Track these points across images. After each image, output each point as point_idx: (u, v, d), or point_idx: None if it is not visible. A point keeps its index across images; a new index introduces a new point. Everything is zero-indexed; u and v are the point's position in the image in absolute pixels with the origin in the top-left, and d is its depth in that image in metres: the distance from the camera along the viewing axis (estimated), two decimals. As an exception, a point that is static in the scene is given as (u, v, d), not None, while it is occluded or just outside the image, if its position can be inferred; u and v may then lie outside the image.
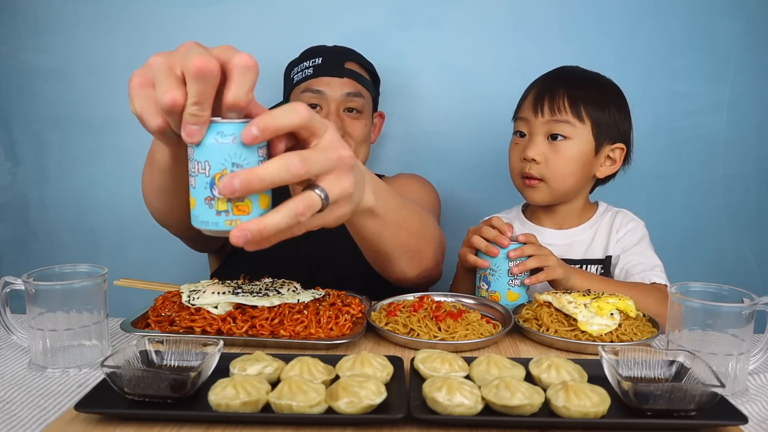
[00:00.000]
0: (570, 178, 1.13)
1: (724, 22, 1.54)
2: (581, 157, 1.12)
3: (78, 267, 0.79)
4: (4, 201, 1.67)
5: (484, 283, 0.99)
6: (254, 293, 0.86)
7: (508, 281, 0.97)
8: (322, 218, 0.63)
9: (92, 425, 0.59)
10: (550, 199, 1.16)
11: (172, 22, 1.56)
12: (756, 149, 1.59)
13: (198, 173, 0.56)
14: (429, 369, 0.68)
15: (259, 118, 0.56)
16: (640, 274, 1.09)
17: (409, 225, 0.90)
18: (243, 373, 0.66)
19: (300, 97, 1.28)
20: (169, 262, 1.61)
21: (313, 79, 1.28)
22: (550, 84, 1.14)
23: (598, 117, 1.11)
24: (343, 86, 1.28)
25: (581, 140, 1.11)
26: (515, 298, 0.98)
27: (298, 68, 1.32)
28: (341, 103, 1.28)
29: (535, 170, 1.12)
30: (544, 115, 1.11)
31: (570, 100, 1.10)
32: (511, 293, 0.98)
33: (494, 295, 0.98)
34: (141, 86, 0.58)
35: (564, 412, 0.59)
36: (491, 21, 1.56)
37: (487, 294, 0.99)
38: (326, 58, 1.30)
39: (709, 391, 0.59)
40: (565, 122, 1.10)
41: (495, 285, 0.98)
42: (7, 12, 1.58)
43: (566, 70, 1.18)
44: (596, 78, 1.17)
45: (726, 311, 0.71)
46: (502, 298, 0.98)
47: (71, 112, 1.62)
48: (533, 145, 1.12)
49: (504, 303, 0.96)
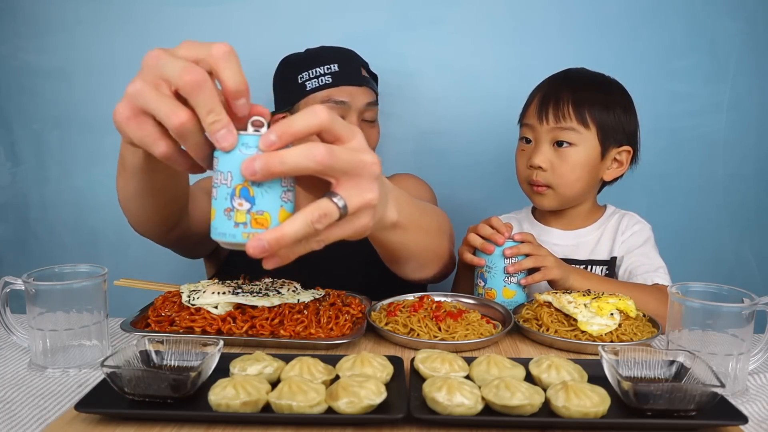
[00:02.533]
0: (577, 184, 1.13)
1: (724, 22, 1.54)
2: (587, 163, 1.12)
3: (78, 267, 0.79)
4: (4, 201, 1.67)
5: (480, 280, 1.00)
6: (254, 293, 0.86)
7: (504, 278, 0.98)
8: (341, 230, 0.59)
9: (92, 425, 0.59)
10: (558, 204, 1.16)
11: (172, 22, 1.56)
12: (756, 149, 1.59)
13: (220, 184, 0.56)
14: (429, 369, 0.68)
15: (277, 125, 0.55)
16: (643, 275, 1.09)
17: (428, 227, 0.90)
18: (243, 373, 0.66)
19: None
20: (169, 262, 1.60)
21: (334, 89, 1.21)
22: (555, 89, 1.13)
23: (603, 121, 1.11)
24: (363, 95, 1.23)
25: (587, 146, 1.11)
26: (511, 296, 0.98)
27: (309, 74, 1.23)
28: (361, 113, 1.23)
29: (542, 177, 1.12)
30: (549, 122, 1.11)
31: (574, 106, 1.10)
32: (507, 290, 0.98)
33: (490, 292, 0.99)
34: (130, 118, 0.56)
35: (564, 412, 0.59)
36: (491, 21, 1.56)
37: (484, 291, 0.99)
38: (342, 64, 1.23)
39: (709, 391, 0.59)
40: (570, 129, 1.10)
41: (491, 282, 0.98)
42: (7, 12, 1.58)
43: (570, 74, 1.18)
44: (601, 79, 1.17)
45: (726, 311, 0.71)
46: (498, 295, 0.98)
47: (71, 112, 1.62)
48: (539, 152, 1.12)
49: (500, 300, 0.97)
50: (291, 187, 0.57)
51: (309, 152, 0.53)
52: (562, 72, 1.18)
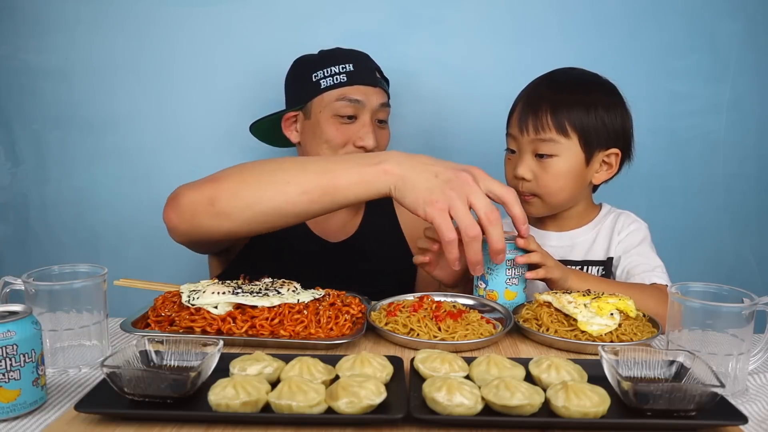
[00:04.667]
0: (563, 192, 1.12)
1: (724, 22, 1.54)
2: (571, 172, 1.11)
3: (78, 267, 0.79)
4: (4, 201, 1.67)
5: (481, 282, 1.00)
6: (254, 293, 0.86)
7: (506, 280, 0.97)
8: None
9: (92, 425, 0.59)
10: (547, 211, 1.16)
11: (172, 22, 1.56)
12: (756, 149, 1.59)
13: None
14: (429, 369, 0.68)
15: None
16: (641, 275, 1.08)
17: None
18: (243, 373, 0.66)
19: (333, 105, 1.22)
20: (169, 262, 1.61)
21: (349, 87, 1.23)
22: (534, 99, 1.12)
23: (584, 125, 1.09)
24: (377, 96, 1.25)
25: (569, 155, 1.10)
26: (513, 297, 0.98)
27: (324, 72, 1.24)
28: (374, 114, 1.25)
29: (527, 188, 1.12)
30: (529, 133, 1.10)
31: (553, 114, 1.08)
32: (509, 292, 0.98)
33: (492, 294, 0.98)
34: (444, 210, 0.85)
35: (564, 412, 0.59)
36: (491, 21, 1.56)
37: (485, 293, 0.99)
38: (357, 65, 1.25)
39: (709, 391, 0.59)
40: (549, 141, 1.09)
41: (492, 284, 0.98)
42: (7, 12, 1.58)
43: (552, 77, 1.16)
44: (581, 80, 1.15)
45: (726, 311, 0.71)
46: (500, 296, 0.98)
47: (71, 112, 1.62)
48: (522, 163, 1.12)
49: (502, 302, 0.97)
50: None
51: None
52: (545, 75, 1.16)
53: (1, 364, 0.61)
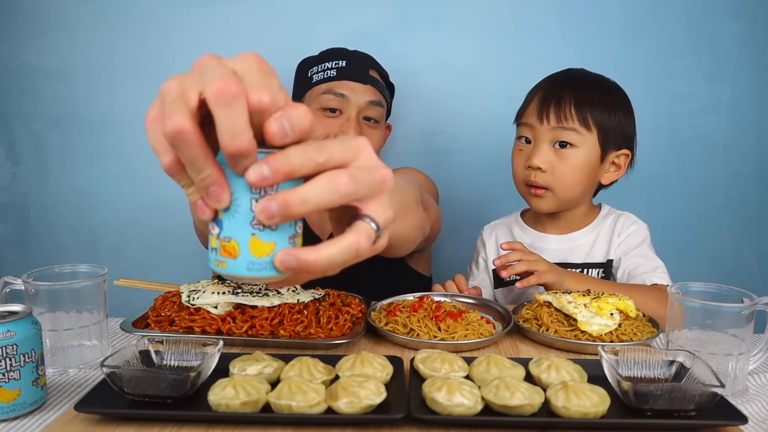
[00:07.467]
0: (576, 187, 1.11)
1: (724, 22, 1.54)
2: (587, 165, 1.10)
3: (78, 267, 0.79)
4: (4, 201, 1.67)
5: (215, 225, 0.49)
6: (254, 293, 0.86)
7: (252, 222, 0.47)
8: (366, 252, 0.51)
9: (92, 425, 0.59)
10: (556, 207, 1.15)
11: (172, 22, 1.56)
12: (756, 149, 1.59)
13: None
14: (429, 369, 0.68)
15: (273, 159, 0.45)
16: (641, 276, 1.08)
17: (408, 205, 0.86)
18: (243, 373, 0.66)
19: (320, 98, 1.23)
20: (169, 262, 1.61)
21: (337, 82, 1.24)
22: (557, 88, 1.11)
23: (604, 123, 1.09)
24: (366, 93, 1.25)
25: (587, 148, 1.10)
26: (267, 251, 0.48)
27: (318, 68, 1.27)
28: (362, 110, 1.25)
29: (541, 179, 1.10)
30: (550, 121, 1.09)
31: (576, 106, 1.08)
32: (259, 242, 0.48)
33: (228, 244, 0.48)
34: (155, 120, 0.46)
35: (564, 412, 0.59)
36: (491, 21, 1.56)
37: (218, 243, 0.48)
38: (350, 62, 1.26)
39: (708, 391, 0.59)
40: (571, 129, 1.08)
41: (230, 229, 0.48)
42: (7, 12, 1.58)
43: (571, 74, 1.16)
44: (602, 82, 1.16)
45: (726, 311, 0.71)
46: (242, 249, 0.48)
47: (71, 112, 1.62)
48: (539, 152, 1.10)
49: (246, 257, 0.48)
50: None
51: (333, 185, 0.45)
52: (562, 72, 1.17)
53: (1, 364, 0.61)
